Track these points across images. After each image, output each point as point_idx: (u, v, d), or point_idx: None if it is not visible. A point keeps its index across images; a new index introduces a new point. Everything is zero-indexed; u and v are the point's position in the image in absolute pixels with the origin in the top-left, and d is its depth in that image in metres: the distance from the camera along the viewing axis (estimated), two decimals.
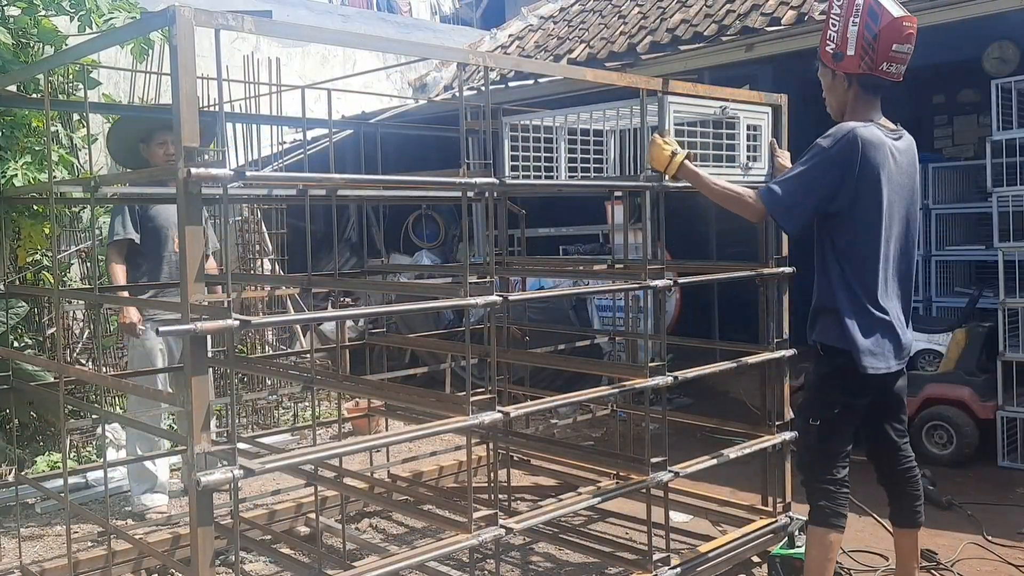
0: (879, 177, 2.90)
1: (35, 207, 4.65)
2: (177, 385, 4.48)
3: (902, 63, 2.94)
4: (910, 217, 3.05)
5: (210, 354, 2.40)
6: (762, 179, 3.48)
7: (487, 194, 3.09)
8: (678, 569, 3.26)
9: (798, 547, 3.52)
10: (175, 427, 4.82)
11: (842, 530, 3.02)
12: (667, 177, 3.13)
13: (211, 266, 4.59)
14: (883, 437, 3.17)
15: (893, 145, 2.97)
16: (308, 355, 4.59)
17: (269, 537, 3.96)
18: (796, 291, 3.70)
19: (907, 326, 3.08)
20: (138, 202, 4.33)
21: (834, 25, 2.95)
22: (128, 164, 4.54)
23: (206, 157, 2.07)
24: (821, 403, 3.07)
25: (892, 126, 3.04)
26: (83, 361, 5.86)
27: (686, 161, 3.09)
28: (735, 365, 3.56)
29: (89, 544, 4.14)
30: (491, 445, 3.30)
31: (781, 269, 3.66)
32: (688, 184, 3.20)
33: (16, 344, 5.30)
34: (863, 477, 3.40)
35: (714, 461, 3.43)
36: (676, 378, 3.23)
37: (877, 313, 2.96)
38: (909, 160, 3.05)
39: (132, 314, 4.41)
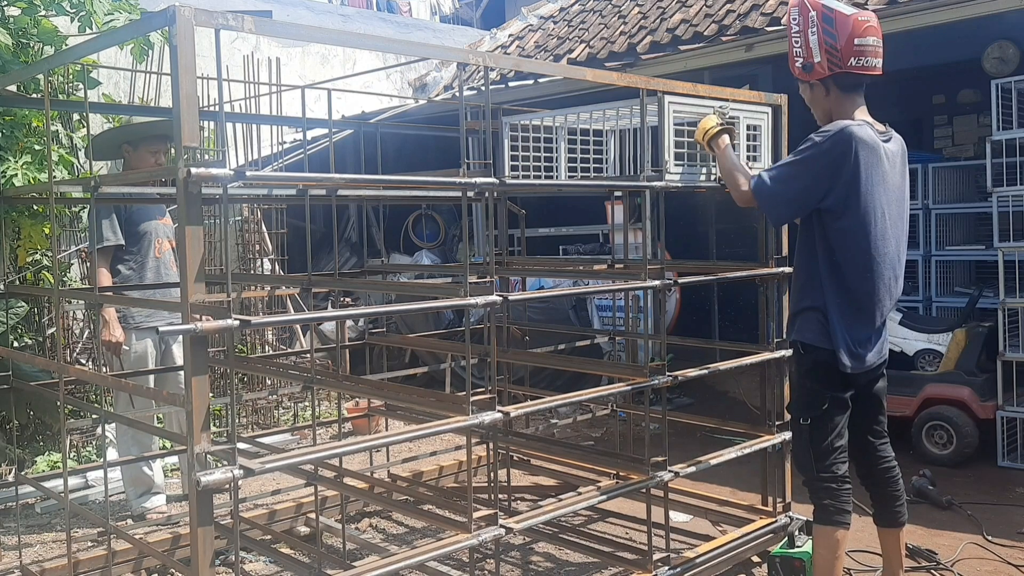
0: (873, 178, 2.91)
1: (35, 207, 4.64)
2: (165, 388, 4.43)
3: (873, 56, 2.96)
4: (902, 220, 3.06)
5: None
6: None
7: (487, 194, 3.09)
8: (678, 569, 3.27)
9: (798, 547, 3.51)
10: (163, 426, 4.81)
11: (848, 526, 3.03)
12: (704, 144, 3.27)
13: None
14: (861, 437, 3.18)
15: (884, 147, 2.97)
16: (308, 355, 4.59)
17: (269, 537, 3.95)
18: None
19: (885, 326, 3.12)
20: (118, 202, 4.27)
21: (796, 41, 3.02)
22: (103, 157, 4.51)
23: (206, 157, 2.08)
24: (809, 401, 3.08)
25: (881, 127, 3.04)
26: (83, 361, 5.86)
27: (724, 135, 3.22)
28: (735, 365, 3.57)
29: (89, 544, 4.14)
30: (491, 445, 3.30)
31: (781, 269, 3.66)
32: (687, 185, 3.27)
33: (16, 344, 5.29)
34: None
35: (714, 461, 3.43)
36: (676, 378, 3.24)
37: (863, 315, 3.00)
38: (901, 162, 3.05)
39: (117, 332, 4.27)
